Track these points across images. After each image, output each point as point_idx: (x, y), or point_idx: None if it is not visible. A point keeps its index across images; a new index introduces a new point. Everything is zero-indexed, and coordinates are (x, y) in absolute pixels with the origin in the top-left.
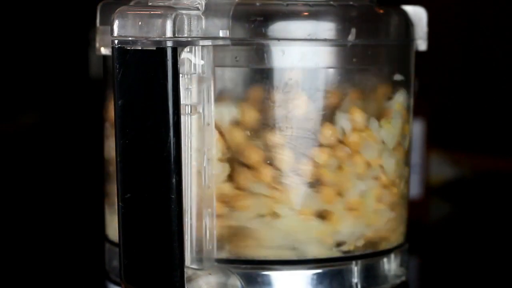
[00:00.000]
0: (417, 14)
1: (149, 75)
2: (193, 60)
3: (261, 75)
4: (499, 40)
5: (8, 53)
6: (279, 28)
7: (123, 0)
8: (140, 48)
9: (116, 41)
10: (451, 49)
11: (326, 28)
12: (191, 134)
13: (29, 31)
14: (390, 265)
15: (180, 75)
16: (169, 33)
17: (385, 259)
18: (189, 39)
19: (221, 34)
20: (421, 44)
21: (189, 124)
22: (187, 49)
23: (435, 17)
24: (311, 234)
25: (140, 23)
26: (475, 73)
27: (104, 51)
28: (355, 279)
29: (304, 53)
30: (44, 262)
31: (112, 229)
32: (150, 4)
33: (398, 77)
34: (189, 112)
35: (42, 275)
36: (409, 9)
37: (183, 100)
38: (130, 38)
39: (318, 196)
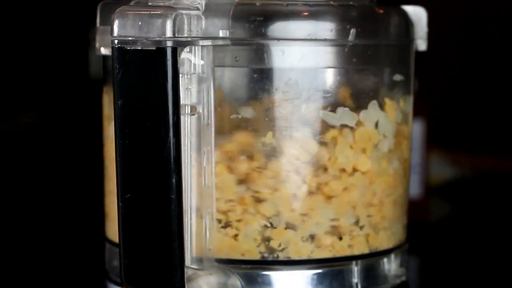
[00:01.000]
0: (417, 14)
1: (149, 75)
2: (193, 60)
3: (261, 75)
4: (499, 40)
5: (8, 53)
6: (279, 28)
7: (123, 0)
8: (140, 48)
9: (116, 41)
10: (451, 49)
11: (326, 28)
12: (191, 134)
13: (29, 31)
14: (390, 265)
15: (180, 75)
16: (169, 33)
17: (385, 259)
18: (189, 39)
19: (221, 34)
20: (421, 44)
21: (189, 124)
22: (187, 49)
23: (435, 17)
24: (310, 234)
25: (140, 23)
26: (475, 73)
27: (104, 51)
28: (355, 279)
29: (304, 53)
30: (44, 262)
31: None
32: (150, 4)
33: (398, 77)
34: (189, 112)
35: (42, 275)
36: (409, 9)
37: (183, 100)
38: (130, 38)
39: (318, 195)
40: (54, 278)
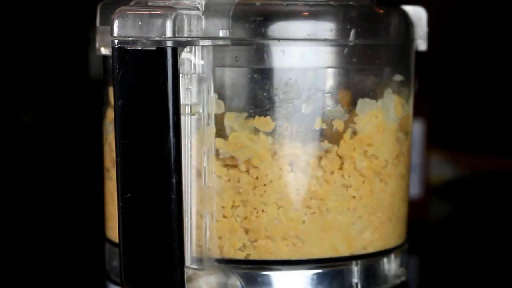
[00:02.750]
0: (417, 14)
1: (149, 75)
2: (193, 60)
3: (261, 75)
4: (499, 40)
5: (8, 53)
6: (279, 28)
7: (123, 0)
8: (140, 48)
9: (116, 41)
10: (451, 49)
11: (326, 28)
12: (191, 134)
13: (29, 31)
14: (390, 265)
15: (180, 75)
16: (169, 33)
17: (385, 259)
18: (189, 39)
19: (221, 34)
20: (421, 44)
21: (189, 124)
22: (187, 49)
23: (435, 17)
24: (311, 234)
25: (140, 23)
26: (475, 73)
27: (104, 51)
28: (355, 279)
29: (304, 53)
30: (44, 262)
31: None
32: (150, 4)
33: (398, 77)
34: (189, 112)
35: (42, 275)
36: (409, 9)
37: (183, 100)
38: (130, 38)
39: (318, 195)
40: (54, 278)
